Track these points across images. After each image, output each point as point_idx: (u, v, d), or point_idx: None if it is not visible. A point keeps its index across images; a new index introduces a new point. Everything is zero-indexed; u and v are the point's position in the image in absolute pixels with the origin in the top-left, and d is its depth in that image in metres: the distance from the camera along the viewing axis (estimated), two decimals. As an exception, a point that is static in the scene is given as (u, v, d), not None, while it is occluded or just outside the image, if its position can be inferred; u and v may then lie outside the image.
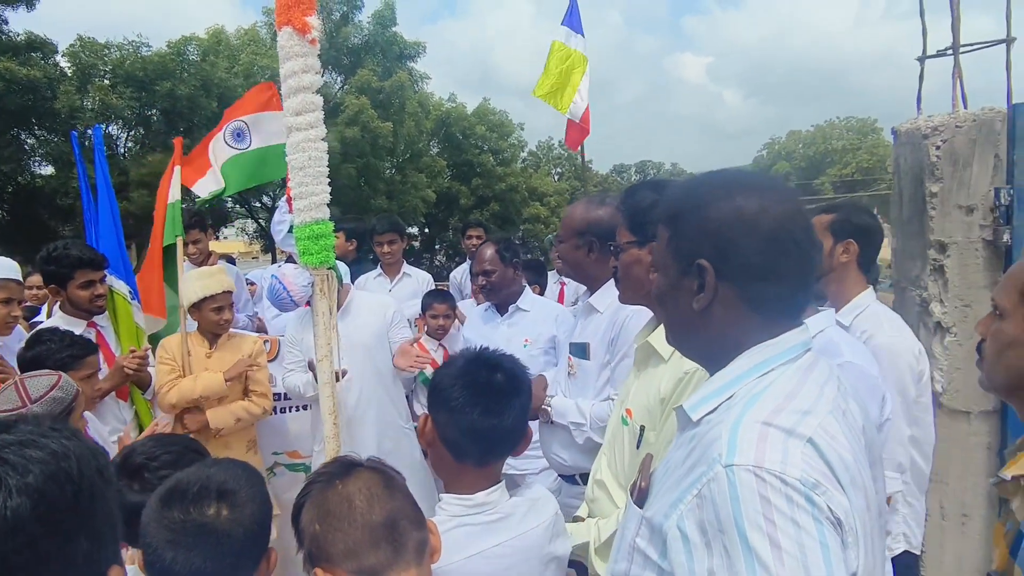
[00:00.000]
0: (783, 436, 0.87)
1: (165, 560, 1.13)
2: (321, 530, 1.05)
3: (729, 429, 0.90)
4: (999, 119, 2.48)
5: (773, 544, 0.81)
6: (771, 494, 0.82)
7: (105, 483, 0.78)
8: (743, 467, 0.84)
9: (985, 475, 2.61)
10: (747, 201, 0.99)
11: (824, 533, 0.82)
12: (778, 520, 0.81)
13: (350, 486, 1.07)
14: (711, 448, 0.90)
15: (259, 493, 1.27)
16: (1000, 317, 1.21)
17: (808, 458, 0.86)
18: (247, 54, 18.65)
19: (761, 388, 0.95)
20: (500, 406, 1.32)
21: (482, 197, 27.40)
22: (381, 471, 1.11)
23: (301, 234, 2.18)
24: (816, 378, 0.98)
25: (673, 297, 1.05)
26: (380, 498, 1.06)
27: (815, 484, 0.84)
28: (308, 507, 1.09)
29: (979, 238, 2.52)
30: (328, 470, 1.12)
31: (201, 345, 3.12)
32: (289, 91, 2.14)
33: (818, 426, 0.90)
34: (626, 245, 1.79)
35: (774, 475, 0.83)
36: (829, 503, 0.83)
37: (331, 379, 2.26)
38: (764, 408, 0.91)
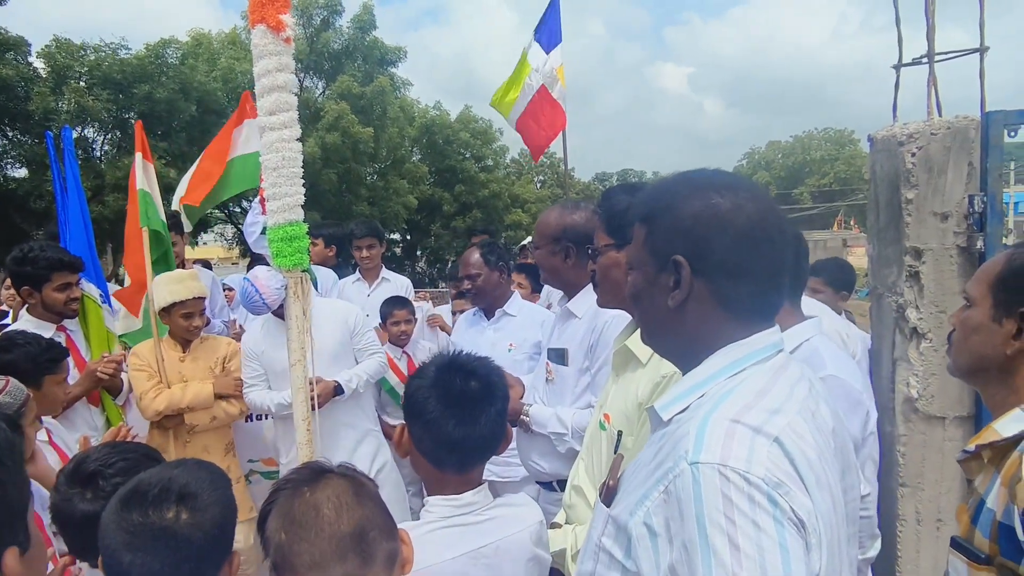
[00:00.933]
0: (750, 434, 0.88)
1: (123, 563, 1.10)
2: (286, 539, 1.01)
3: (697, 426, 0.90)
4: (973, 127, 2.51)
5: (732, 544, 0.81)
6: (734, 493, 0.83)
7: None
8: (708, 464, 0.85)
9: (960, 480, 2.63)
10: (722, 199, 1.00)
11: (784, 535, 0.82)
12: (739, 520, 0.82)
13: (318, 494, 1.03)
14: (679, 445, 0.90)
15: (223, 497, 1.23)
16: (969, 306, 1.32)
17: (774, 457, 0.86)
18: (226, 58, 18.48)
19: (732, 387, 0.96)
20: (475, 415, 1.31)
21: (465, 204, 27.36)
22: (351, 478, 1.08)
23: (274, 236, 2.14)
24: (787, 378, 0.99)
25: (649, 294, 1.06)
26: (349, 507, 1.03)
27: (778, 484, 0.84)
28: (274, 515, 1.05)
29: (953, 244, 2.54)
30: (296, 476, 1.09)
31: (174, 349, 3.07)
32: (263, 90, 2.11)
33: (786, 425, 0.90)
34: (604, 248, 1.79)
35: (738, 474, 0.84)
36: (792, 504, 0.84)
37: (304, 384, 2.21)
38: (733, 405, 0.92)
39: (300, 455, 2.21)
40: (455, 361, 1.38)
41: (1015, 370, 1.24)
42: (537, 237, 2.30)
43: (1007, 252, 1.30)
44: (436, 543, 1.22)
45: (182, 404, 2.93)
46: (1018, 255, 1.26)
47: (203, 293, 3.04)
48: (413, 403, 1.34)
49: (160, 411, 2.92)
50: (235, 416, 3.08)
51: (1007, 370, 1.24)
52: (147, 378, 2.96)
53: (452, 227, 27.49)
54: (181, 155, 15.51)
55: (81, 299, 3.13)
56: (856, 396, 1.65)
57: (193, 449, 2.94)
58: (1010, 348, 1.22)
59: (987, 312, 1.26)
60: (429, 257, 30.13)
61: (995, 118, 2.46)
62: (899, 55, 2.76)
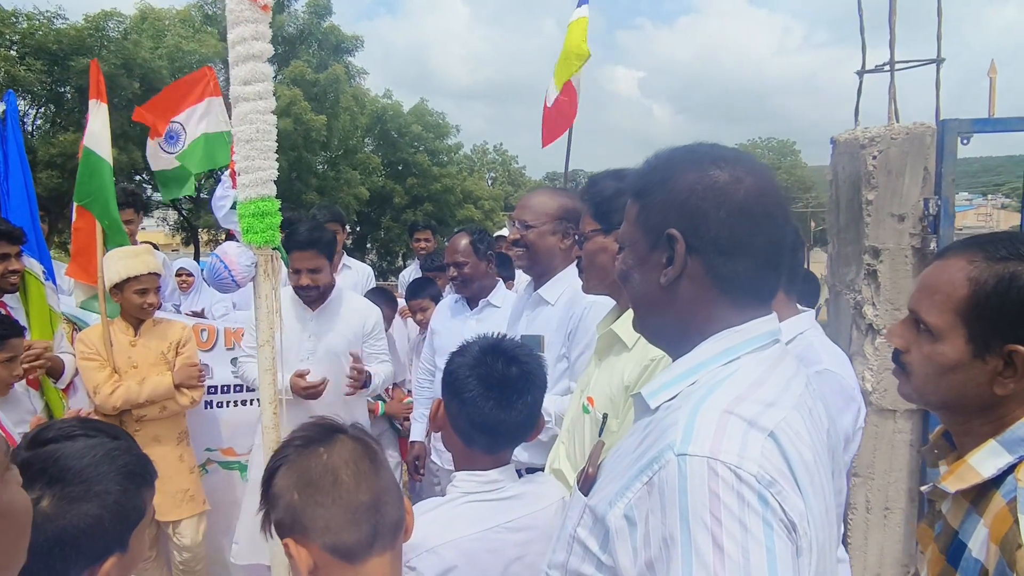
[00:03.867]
0: (744, 426, 0.82)
1: None
2: (299, 500, 0.98)
3: (687, 415, 0.84)
4: (929, 134, 2.62)
5: (716, 545, 0.75)
6: (722, 490, 0.77)
7: None
8: (696, 457, 0.79)
9: (908, 471, 2.75)
10: (720, 171, 0.95)
11: (773, 538, 0.76)
12: (725, 520, 0.76)
13: (335, 457, 1.00)
14: (666, 435, 0.84)
15: (107, 493, 1.08)
16: (931, 335, 1.15)
17: (767, 453, 0.81)
18: (173, 35, 17.77)
19: (725, 375, 0.90)
20: (512, 400, 1.32)
21: (416, 197, 27.10)
22: (365, 442, 1.04)
23: (245, 211, 2.06)
24: (784, 371, 0.94)
25: (640, 272, 1.01)
26: (366, 475, 1.00)
27: (771, 482, 0.78)
28: (286, 472, 1.01)
29: (909, 245, 2.66)
30: (307, 433, 1.04)
31: (124, 332, 2.92)
32: (237, 58, 2.03)
33: (782, 420, 0.85)
34: (591, 233, 1.78)
35: (728, 468, 0.78)
36: (784, 504, 0.78)
37: (272, 366, 2.14)
38: (727, 395, 0.86)
39: (266, 439, 2.15)
40: (499, 345, 1.38)
41: (999, 404, 1.11)
42: (532, 216, 2.28)
43: (964, 272, 1.11)
44: (461, 517, 1.23)
45: (140, 399, 2.79)
46: (984, 277, 1.09)
47: (158, 269, 2.91)
48: (453, 380, 1.34)
49: (117, 407, 2.78)
50: (187, 406, 2.95)
51: (989, 405, 1.12)
52: (98, 368, 2.80)
53: (403, 220, 27.20)
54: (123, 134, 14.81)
55: (22, 275, 2.95)
56: (850, 392, 1.67)
57: (143, 438, 2.80)
58: (1001, 388, 1.09)
59: (962, 348, 1.11)
60: (379, 250, 29.72)
61: (950, 126, 2.58)
62: (862, 62, 2.87)
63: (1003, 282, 1.07)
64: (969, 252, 1.12)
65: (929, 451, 1.28)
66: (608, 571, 0.90)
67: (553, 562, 1.00)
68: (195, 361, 2.99)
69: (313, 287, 2.89)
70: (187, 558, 2.93)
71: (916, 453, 2.75)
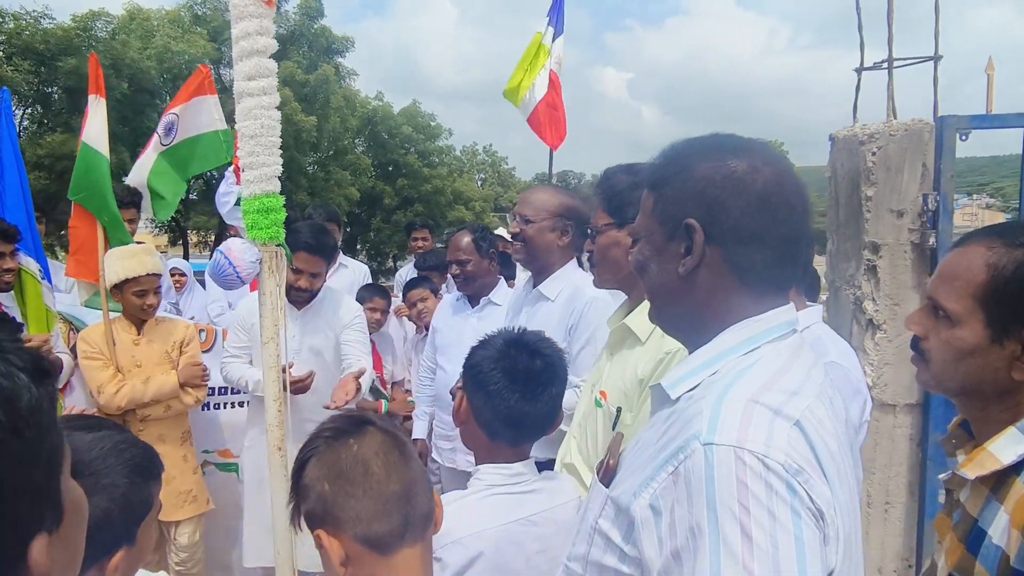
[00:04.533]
0: (770, 415, 0.82)
1: None
2: (331, 491, 0.97)
3: (712, 405, 0.84)
4: (927, 130, 2.64)
5: (745, 534, 0.75)
6: (750, 479, 0.77)
7: (18, 438, 0.57)
8: (723, 446, 0.79)
9: (908, 465, 2.77)
10: (738, 161, 0.95)
11: (801, 527, 0.76)
12: (754, 508, 0.76)
13: (365, 448, 0.99)
14: (690, 424, 0.84)
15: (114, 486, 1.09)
16: (950, 321, 1.17)
17: (794, 442, 0.81)
18: (162, 36, 17.64)
19: (748, 364, 0.91)
20: (537, 393, 1.33)
21: (406, 198, 27.06)
22: (394, 434, 1.04)
23: (249, 207, 2.04)
24: (804, 361, 0.94)
25: (658, 263, 1.01)
26: (397, 466, 0.99)
27: (798, 471, 0.78)
28: (316, 463, 1.00)
29: (908, 241, 2.68)
30: (338, 425, 1.04)
31: (127, 331, 2.89)
32: (241, 54, 2.01)
33: (806, 409, 0.85)
34: (604, 227, 1.79)
35: (756, 457, 0.78)
36: (811, 492, 0.79)
37: (276, 363, 2.13)
38: (751, 384, 0.86)
39: (270, 437, 2.13)
40: (522, 339, 1.39)
41: (1017, 390, 1.12)
42: (532, 212, 2.30)
43: (983, 258, 1.13)
44: (487, 509, 1.24)
45: (145, 399, 2.77)
46: (1002, 263, 1.11)
47: (158, 269, 2.88)
48: (477, 374, 1.35)
49: (122, 407, 2.76)
50: (191, 405, 2.94)
51: (1008, 391, 1.13)
52: (102, 367, 2.77)
53: (393, 221, 27.14)
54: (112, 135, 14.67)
55: (18, 273, 2.92)
56: (856, 384, 1.69)
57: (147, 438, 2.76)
58: (1020, 373, 1.10)
59: (980, 333, 1.13)
60: (370, 251, 29.61)
61: (948, 122, 2.61)
62: (860, 59, 2.89)
63: (1021, 268, 1.09)
64: (988, 239, 1.14)
65: (947, 441, 1.29)
66: (631, 562, 0.90)
67: (573, 554, 1.00)
68: (199, 360, 2.97)
69: (308, 290, 2.88)
70: (183, 558, 2.90)
71: (916, 448, 2.77)
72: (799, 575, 0.75)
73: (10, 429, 0.55)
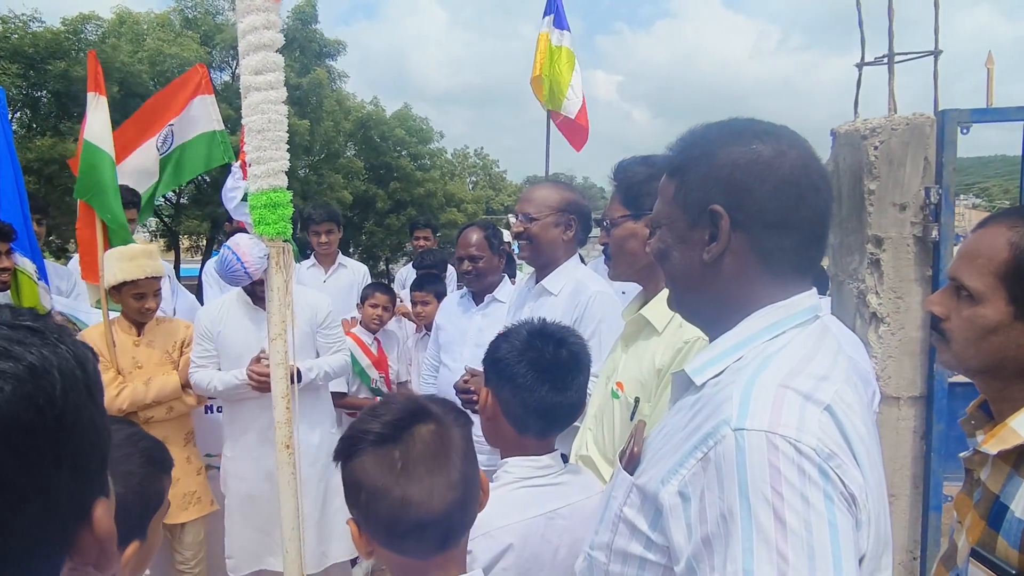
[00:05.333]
0: (800, 400, 0.82)
1: None
2: (366, 501, 0.94)
3: (741, 390, 0.84)
4: (928, 124, 2.66)
5: (778, 519, 0.75)
6: (782, 463, 0.77)
7: (92, 400, 0.60)
8: (755, 431, 0.79)
9: (912, 458, 2.78)
10: (763, 144, 0.94)
11: (834, 512, 0.76)
12: (787, 493, 0.76)
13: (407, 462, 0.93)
14: (720, 410, 0.84)
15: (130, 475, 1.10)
16: (971, 299, 1.19)
17: (825, 426, 0.81)
18: (153, 39, 17.53)
19: (774, 350, 0.90)
20: (567, 383, 1.33)
21: (399, 201, 27.00)
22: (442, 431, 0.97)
23: (256, 202, 2.04)
24: (829, 346, 0.94)
25: (680, 250, 1.00)
26: (439, 488, 0.94)
27: (830, 455, 0.78)
28: (359, 465, 0.95)
29: (910, 234, 2.69)
30: (388, 418, 0.97)
31: (127, 332, 2.86)
32: (248, 48, 2.00)
33: (835, 393, 0.85)
34: (619, 219, 1.78)
35: (788, 442, 0.78)
36: (843, 477, 0.78)
37: (284, 360, 2.11)
38: (780, 369, 0.86)
39: (278, 435, 2.11)
40: (546, 329, 1.38)
41: None
42: (534, 209, 2.31)
43: (1005, 237, 1.17)
44: (516, 501, 1.23)
45: (147, 400, 2.75)
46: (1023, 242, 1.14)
47: (158, 272, 2.85)
48: (503, 367, 1.34)
49: (124, 410, 2.72)
50: (193, 405, 2.92)
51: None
52: (101, 369, 2.75)
53: (386, 224, 27.06)
54: (101, 139, 14.56)
55: (14, 274, 2.89)
56: (865, 375, 1.70)
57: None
58: None
59: (1003, 310, 1.15)
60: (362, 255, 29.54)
61: (950, 116, 2.62)
62: (861, 54, 2.91)
63: None
64: (1009, 219, 1.17)
65: (966, 422, 1.31)
66: (658, 550, 0.90)
67: (596, 543, 0.99)
68: None
69: None
70: (187, 557, 2.88)
71: (920, 440, 2.78)
72: (833, 560, 0.74)
73: (86, 389, 0.57)
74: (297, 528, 2.11)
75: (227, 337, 2.90)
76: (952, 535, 1.38)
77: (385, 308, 3.74)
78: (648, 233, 1.63)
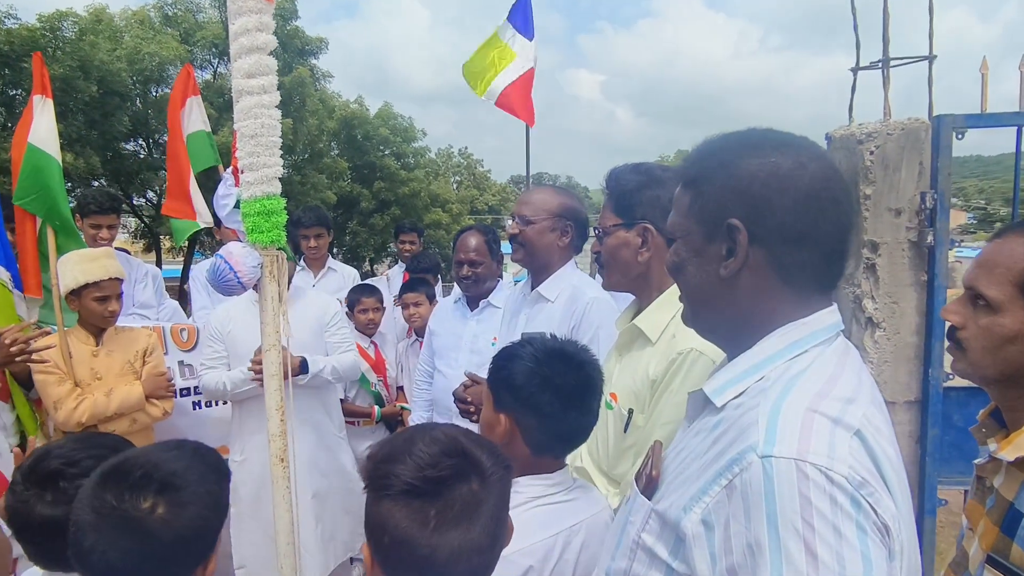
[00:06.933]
0: (830, 425, 0.80)
1: (84, 543, 0.99)
2: (388, 545, 0.90)
3: (768, 414, 0.81)
4: (923, 129, 2.67)
5: (809, 552, 0.73)
6: (813, 493, 0.74)
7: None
8: (784, 459, 0.77)
9: (908, 462, 2.79)
10: (783, 157, 0.92)
11: (868, 544, 0.74)
12: (818, 525, 0.73)
13: (434, 534, 0.89)
14: (745, 435, 0.81)
15: (209, 494, 1.12)
16: (989, 308, 1.20)
17: (855, 453, 0.78)
18: (132, 37, 17.24)
19: (798, 370, 0.87)
20: (590, 406, 1.32)
21: (383, 201, 26.84)
22: (475, 502, 0.92)
23: (250, 209, 1.99)
24: (853, 365, 0.92)
25: (696, 265, 0.97)
26: (467, 555, 0.90)
27: (862, 483, 0.76)
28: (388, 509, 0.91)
29: (905, 239, 2.70)
30: (430, 469, 0.91)
31: (84, 342, 2.76)
32: (240, 51, 1.95)
33: (863, 416, 0.83)
34: (612, 228, 1.76)
35: (819, 470, 0.75)
36: (876, 507, 0.76)
37: (279, 371, 2.06)
38: (806, 392, 0.84)
39: (272, 448, 2.06)
40: (563, 351, 1.34)
41: None
42: (531, 212, 2.28)
43: (1023, 246, 1.17)
44: (532, 522, 1.19)
45: (109, 412, 2.64)
46: None
47: (120, 274, 2.76)
48: (526, 396, 1.28)
49: (83, 423, 2.61)
50: (158, 417, 2.82)
51: None
52: (58, 382, 2.63)
53: (370, 224, 26.90)
54: (80, 138, 14.33)
55: (-11, 282, 2.80)
56: None
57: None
58: None
59: (1022, 319, 1.16)
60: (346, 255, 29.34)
61: (945, 121, 2.63)
62: (856, 59, 2.91)
63: None
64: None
65: (977, 430, 1.32)
66: None
67: (613, 569, 0.96)
68: (163, 370, 2.87)
69: None
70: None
71: (915, 444, 2.79)
72: None
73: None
74: (292, 544, 2.06)
75: (237, 337, 2.86)
76: (961, 542, 1.38)
77: (375, 309, 3.70)
78: (640, 242, 1.61)
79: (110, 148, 17.17)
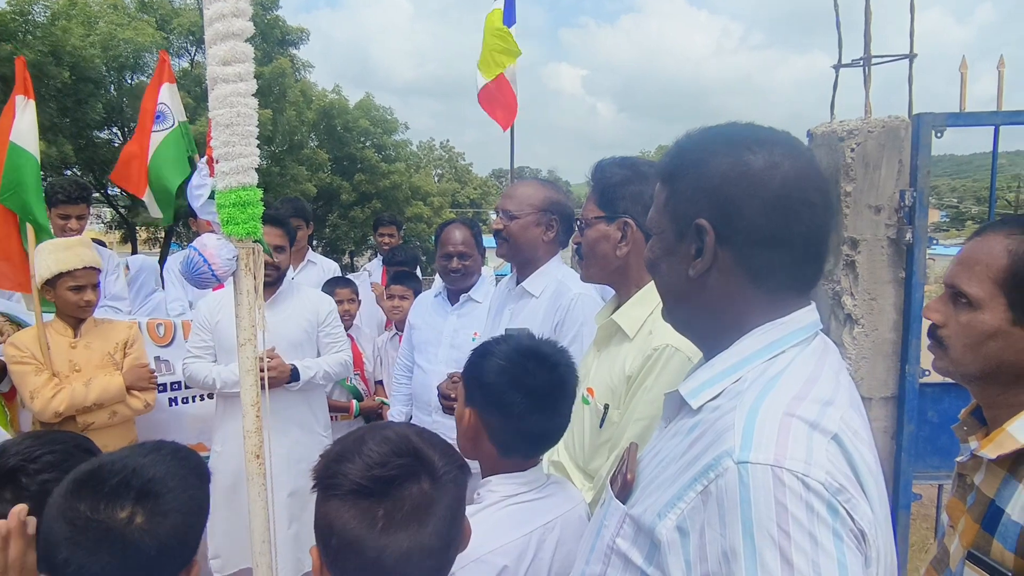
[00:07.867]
0: (807, 429, 0.78)
1: (57, 558, 0.92)
2: (336, 547, 0.88)
3: (744, 418, 0.80)
4: (903, 127, 2.68)
5: (784, 560, 0.72)
6: (790, 500, 0.73)
7: None
8: (759, 465, 0.75)
9: (883, 457, 2.82)
10: (755, 156, 0.89)
11: (844, 551, 0.73)
12: (794, 532, 0.72)
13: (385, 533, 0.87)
14: (721, 439, 0.80)
15: (191, 500, 1.07)
16: (969, 306, 1.20)
17: (833, 458, 0.77)
18: (106, 22, 16.87)
19: (776, 371, 0.86)
20: (560, 408, 1.28)
21: (364, 193, 26.62)
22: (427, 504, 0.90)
23: (225, 200, 1.94)
24: (831, 365, 0.90)
25: (668, 263, 0.96)
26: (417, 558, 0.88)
27: (839, 490, 0.75)
28: (335, 509, 0.88)
29: (885, 236, 2.72)
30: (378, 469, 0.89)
31: (62, 334, 2.69)
32: (215, 37, 1.89)
33: (840, 420, 0.82)
34: (593, 220, 1.74)
35: (796, 477, 0.74)
36: (853, 513, 0.75)
37: (254, 366, 2.02)
38: (784, 395, 0.82)
39: (247, 444, 2.02)
40: (536, 350, 1.30)
41: None
42: (515, 206, 2.25)
43: (1003, 244, 1.18)
44: (506, 521, 1.17)
45: (87, 402, 2.58)
46: (1023, 248, 1.16)
47: (95, 263, 2.70)
48: (493, 393, 1.25)
49: (61, 413, 2.55)
50: (140, 410, 2.77)
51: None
52: (34, 372, 2.57)
53: (350, 217, 26.67)
54: (52, 126, 14.00)
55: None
56: None
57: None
58: None
59: (1002, 315, 1.17)
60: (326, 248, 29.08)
61: (925, 120, 2.65)
62: (839, 56, 2.92)
63: None
64: (1007, 227, 1.18)
65: (959, 428, 1.32)
66: None
67: (587, 573, 0.94)
68: (145, 362, 2.81)
69: (272, 267, 2.79)
70: None
71: (890, 440, 2.82)
72: None
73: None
74: (268, 542, 2.02)
75: (224, 328, 2.81)
76: (942, 539, 1.39)
77: (351, 300, 3.67)
78: (620, 236, 1.59)
79: (83, 136, 16.82)
